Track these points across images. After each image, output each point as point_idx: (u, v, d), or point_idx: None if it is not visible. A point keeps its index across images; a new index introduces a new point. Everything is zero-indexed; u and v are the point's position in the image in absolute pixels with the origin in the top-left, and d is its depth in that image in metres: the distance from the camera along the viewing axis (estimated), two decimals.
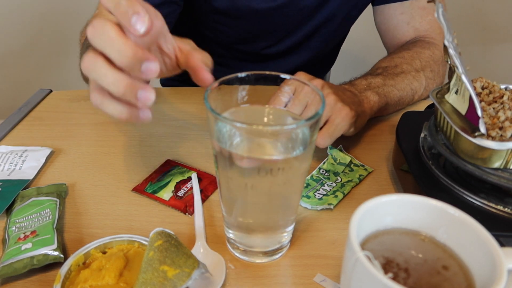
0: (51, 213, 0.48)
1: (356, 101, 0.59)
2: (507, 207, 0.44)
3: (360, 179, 0.57)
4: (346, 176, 0.56)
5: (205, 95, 0.39)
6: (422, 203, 0.36)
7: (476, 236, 0.34)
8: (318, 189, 0.54)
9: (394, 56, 0.72)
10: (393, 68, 0.69)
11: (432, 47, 0.76)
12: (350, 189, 0.55)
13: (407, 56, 0.72)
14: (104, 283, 0.40)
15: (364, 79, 0.65)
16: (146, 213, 0.51)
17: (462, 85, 0.45)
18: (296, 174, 0.41)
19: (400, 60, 0.71)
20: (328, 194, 0.53)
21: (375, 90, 0.63)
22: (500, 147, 0.42)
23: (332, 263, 0.45)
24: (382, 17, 0.82)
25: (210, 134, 0.40)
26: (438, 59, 0.75)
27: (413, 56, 0.72)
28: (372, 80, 0.65)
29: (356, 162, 0.59)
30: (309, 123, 0.37)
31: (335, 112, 0.54)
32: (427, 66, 0.72)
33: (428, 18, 0.79)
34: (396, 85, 0.66)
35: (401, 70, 0.69)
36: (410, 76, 0.69)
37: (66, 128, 0.68)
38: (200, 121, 0.69)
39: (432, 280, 0.33)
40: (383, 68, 0.69)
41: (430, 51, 0.74)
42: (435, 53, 0.75)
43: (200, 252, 0.46)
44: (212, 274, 0.43)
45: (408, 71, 0.69)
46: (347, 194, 0.54)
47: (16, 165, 0.58)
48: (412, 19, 0.79)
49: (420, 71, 0.70)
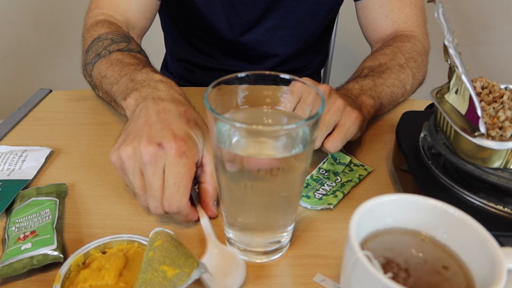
0: (50, 213, 0.48)
1: (358, 106, 0.60)
2: (507, 207, 0.44)
3: (360, 178, 0.57)
4: (346, 176, 0.56)
5: (205, 95, 0.39)
6: (422, 203, 0.36)
7: (476, 236, 0.34)
8: (318, 189, 0.54)
9: (377, 54, 0.73)
10: (378, 67, 0.70)
11: (412, 39, 0.77)
12: (350, 189, 0.55)
13: (389, 52, 0.73)
14: (104, 283, 0.40)
15: (356, 83, 0.66)
16: (146, 213, 0.51)
17: (462, 85, 0.45)
18: (296, 174, 0.41)
19: (383, 57, 0.72)
20: (328, 194, 0.53)
21: (368, 93, 0.64)
22: (500, 147, 0.42)
23: (332, 263, 0.45)
24: (362, 11, 0.84)
25: (209, 134, 0.40)
26: (420, 50, 0.76)
27: (395, 51, 0.73)
28: (363, 83, 0.65)
29: (356, 162, 0.59)
30: (308, 123, 0.37)
31: (344, 116, 0.54)
32: (410, 58, 0.73)
33: (406, 10, 0.80)
34: (385, 82, 0.67)
35: (386, 67, 0.70)
36: (395, 70, 0.69)
37: (66, 128, 0.68)
38: None
39: (432, 280, 0.33)
40: (368, 68, 0.70)
41: (411, 43, 0.76)
42: (416, 44, 0.76)
43: (215, 253, 0.45)
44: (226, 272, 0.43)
45: (393, 66, 0.70)
46: (347, 194, 0.54)
47: (16, 165, 0.58)
48: (391, 12, 0.80)
49: (404, 64, 0.71)
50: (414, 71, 0.72)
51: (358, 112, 0.56)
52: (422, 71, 0.75)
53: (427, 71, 0.77)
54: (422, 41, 0.78)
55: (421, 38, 0.79)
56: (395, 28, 0.80)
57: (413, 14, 0.80)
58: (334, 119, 0.53)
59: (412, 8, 0.80)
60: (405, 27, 0.80)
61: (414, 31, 0.79)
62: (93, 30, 0.72)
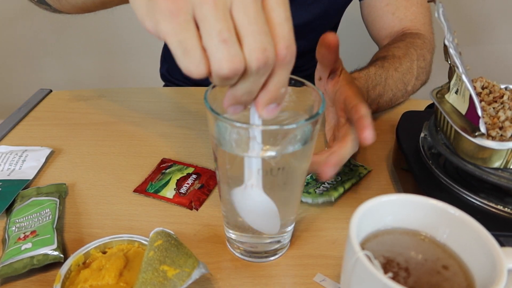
0: (51, 213, 0.48)
1: None
2: (507, 207, 0.44)
3: (361, 176, 0.57)
4: (346, 176, 0.57)
5: (205, 95, 0.39)
6: (422, 203, 0.36)
7: (476, 236, 0.34)
8: (319, 187, 0.54)
9: (390, 47, 0.73)
10: (391, 59, 0.69)
11: (421, 37, 0.77)
12: (350, 185, 0.55)
13: (403, 46, 0.73)
14: (104, 283, 0.40)
15: (364, 78, 0.64)
16: (146, 213, 0.51)
17: (462, 84, 0.45)
18: (296, 173, 0.41)
19: (397, 50, 0.72)
20: (329, 190, 0.53)
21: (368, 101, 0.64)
22: (500, 147, 0.42)
23: (332, 263, 0.45)
24: (368, 10, 0.84)
25: (209, 133, 0.40)
26: (429, 48, 0.76)
27: (407, 46, 0.73)
28: (368, 82, 0.64)
29: (355, 162, 0.59)
30: (309, 122, 0.37)
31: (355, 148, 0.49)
32: (420, 56, 0.73)
33: (413, 9, 0.80)
34: (388, 80, 0.66)
35: (399, 63, 0.69)
36: (403, 70, 0.69)
37: (66, 128, 0.68)
38: (200, 121, 0.69)
39: (432, 279, 0.33)
40: (382, 59, 0.69)
41: (421, 40, 0.76)
42: (425, 42, 0.77)
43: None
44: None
45: (403, 63, 0.69)
46: (347, 189, 0.54)
47: (16, 165, 0.58)
48: (397, 9, 0.81)
49: (415, 61, 0.71)
50: (419, 71, 0.72)
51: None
52: (427, 70, 0.75)
53: (431, 71, 0.78)
54: (429, 39, 0.79)
55: (427, 37, 0.79)
56: (402, 26, 0.81)
57: (419, 12, 0.80)
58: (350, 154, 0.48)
59: (418, 7, 0.80)
60: (411, 25, 0.80)
61: (421, 30, 0.80)
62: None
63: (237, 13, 0.27)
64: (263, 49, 0.28)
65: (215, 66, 0.28)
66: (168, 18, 0.27)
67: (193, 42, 0.27)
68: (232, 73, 0.28)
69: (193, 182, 0.55)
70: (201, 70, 0.28)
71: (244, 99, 0.31)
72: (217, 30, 0.27)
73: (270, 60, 0.28)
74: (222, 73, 0.28)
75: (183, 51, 0.27)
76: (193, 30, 0.27)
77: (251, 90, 0.30)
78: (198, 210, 0.52)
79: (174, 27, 0.27)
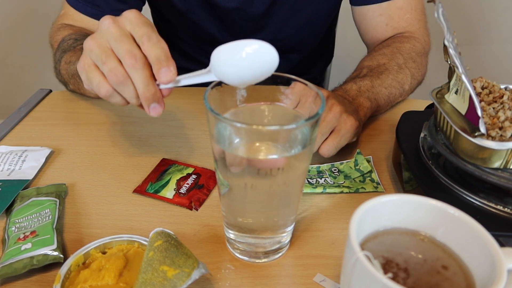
0: (50, 213, 0.48)
1: (354, 109, 0.60)
2: (507, 207, 0.44)
3: (360, 191, 0.55)
4: (352, 183, 0.56)
5: (205, 95, 0.39)
6: (421, 203, 0.36)
7: (476, 236, 0.34)
8: (314, 179, 0.55)
9: (376, 54, 0.73)
10: (377, 67, 0.69)
11: (412, 40, 0.76)
12: (342, 192, 0.54)
13: (388, 52, 0.72)
14: (104, 283, 0.40)
15: (354, 83, 0.65)
16: (146, 213, 0.51)
17: (462, 85, 0.45)
18: (296, 174, 0.41)
19: (382, 57, 0.71)
20: (330, 186, 0.54)
21: (365, 95, 0.64)
22: (500, 147, 0.42)
23: (332, 263, 0.45)
24: (361, 17, 0.83)
25: (210, 134, 0.40)
26: (419, 50, 0.76)
27: (393, 52, 0.73)
28: (361, 84, 0.65)
29: (374, 177, 0.57)
30: (308, 123, 0.37)
31: (340, 123, 0.55)
32: (409, 59, 0.72)
33: (406, 16, 0.79)
34: (383, 83, 0.67)
35: (384, 67, 0.69)
36: (394, 71, 0.69)
37: (66, 128, 0.68)
38: (200, 121, 0.69)
39: (431, 280, 0.33)
40: (367, 68, 0.70)
41: (410, 44, 0.75)
42: (416, 45, 0.76)
43: None
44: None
45: (391, 66, 0.70)
46: (338, 193, 0.54)
47: (16, 165, 0.58)
48: (391, 20, 0.79)
49: (403, 64, 0.71)
50: (413, 71, 0.72)
51: (354, 119, 0.56)
52: (421, 71, 0.75)
53: (426, 71, 0.77)
54: (422, 42, 0.78)
55: (421, 39, 0.78)
56: (395, 33, 0.80)
57: (413, 19, 0.79)
58: (330, 126, 0.54)
59: (413, 13, 0.79)
60: (405, 32, 0.79)
61: (414, 33, 0.79)
62: (57, 35, 0.74)
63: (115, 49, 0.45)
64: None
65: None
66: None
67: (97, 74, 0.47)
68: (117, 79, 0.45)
69: (193, 182, 0.55)
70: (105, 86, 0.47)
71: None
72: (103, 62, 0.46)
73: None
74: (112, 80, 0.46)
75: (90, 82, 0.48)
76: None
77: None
78: (198, 210, 0.52)
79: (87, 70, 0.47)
